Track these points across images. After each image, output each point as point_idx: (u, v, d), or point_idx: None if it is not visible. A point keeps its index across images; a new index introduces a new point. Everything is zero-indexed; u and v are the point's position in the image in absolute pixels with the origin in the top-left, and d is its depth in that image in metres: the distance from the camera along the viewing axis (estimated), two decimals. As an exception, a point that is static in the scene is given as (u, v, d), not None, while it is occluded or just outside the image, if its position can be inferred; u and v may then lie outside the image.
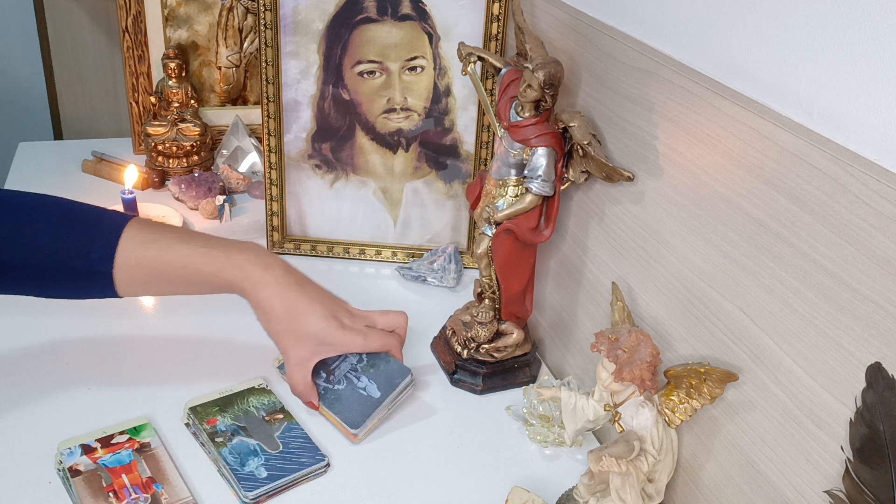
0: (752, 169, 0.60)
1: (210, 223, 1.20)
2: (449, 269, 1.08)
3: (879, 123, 0.51)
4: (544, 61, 0.79)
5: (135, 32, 1.29)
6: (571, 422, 0.74)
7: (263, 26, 1.03)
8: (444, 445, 0.83)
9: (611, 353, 0.65)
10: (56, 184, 1.29)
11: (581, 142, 0.78)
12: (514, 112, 0.82)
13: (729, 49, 0.64)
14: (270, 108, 1.07)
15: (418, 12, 1.03)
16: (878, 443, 0.49)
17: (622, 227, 0.80)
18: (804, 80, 0.56)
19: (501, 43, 1.02)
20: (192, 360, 0.91)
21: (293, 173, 1.12)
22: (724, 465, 0.66)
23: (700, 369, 0.64)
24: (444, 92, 1.07)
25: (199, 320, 0.97)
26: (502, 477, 0.79)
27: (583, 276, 0.89)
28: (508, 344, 0.91)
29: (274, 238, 1.14)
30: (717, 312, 0.66)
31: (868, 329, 0.51)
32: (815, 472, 0.56)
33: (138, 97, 1.34)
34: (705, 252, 0.67)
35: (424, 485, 0.77)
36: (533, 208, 0.83)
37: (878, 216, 0.49)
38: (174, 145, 1.29)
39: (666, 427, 0.67)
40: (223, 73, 1.37)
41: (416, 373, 0.93)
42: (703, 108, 0.65)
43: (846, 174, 0.52)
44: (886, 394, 0.49)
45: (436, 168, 1.11)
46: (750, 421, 0.63)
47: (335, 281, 1.10)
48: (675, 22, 0.71)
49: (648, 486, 0.69)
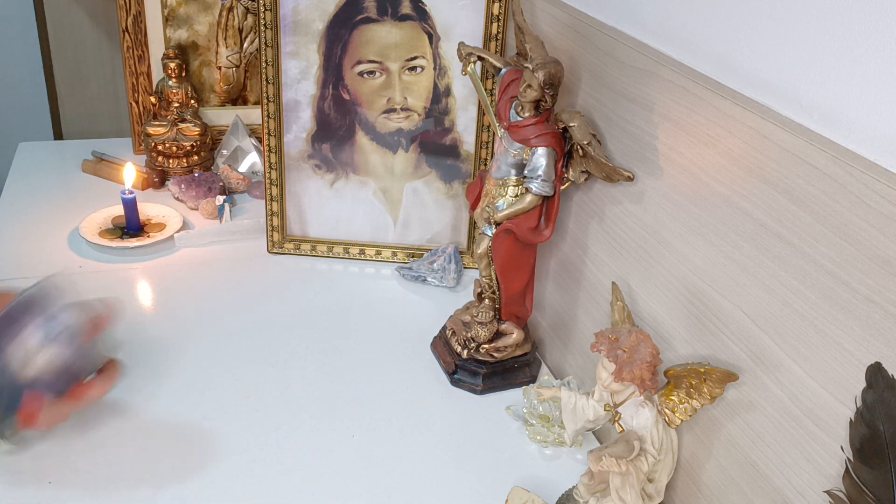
0: (752, 169, 0.60)
1: (210, 223, 1.20)
2: (449, 269, 1.08)
3: (879, 123, 0.51)
4: (544, 61, 0.79)
5: (135, 32, 1.29)
6: (571, 422, 0.74)
7: (263, 26, 1.03)
8: (444, 445, 0.83)
9: (611, 353, 0.65)
10: (56, 184, 1.29)
11: (581, 142, 0.78)
12: (514, 112, 0.82)
13: (729, 49, 0.64)
14: (270, 108, 1.07)
15: (418, 12, 1.03)
16: (878, 443, 0.49)
17: (622, 227, 0.80)
18: (804, 80, 0.56)
19: (501, 43, 1.02)
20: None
21: (293, 173, 1.12)
22: (724, 465, 0.66)
23: (700, 369, 0.64)
24: (444, 92, 1.07)
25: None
26: (502, 477, 0.79)
27: (583, 276, 0.89)
28: (508, 344, 0.91)
29: (274, 238, 1.14)
30: (717, 312, 0.66)
31: (868, 329, 0.51)
32: (815, 472, 0.56)
33: (138, 97, 1.34)
34: (705, 252, 0.67)
35: (424, 485, 0.77)
36: (533, 208, 0.83)
37: (878, 216, 0.49)
38: (174, 145, 1.29)
39: (666, 427, 0.67)
40: (223, 73, 1.37)
41: (417, 373, 0.93)
42: (703, 108, 0.65)
43: (846, 174, 0.52)
44: (886, 394, 0.49)
45: (436, 168, 1.11)
46: (750, 421, 0.63)
47: (335, 281, 1.10)
48: (675, 22, 0.71)
49: (648, 486, 0.69)
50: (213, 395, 0.86)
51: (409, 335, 0.99)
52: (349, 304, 1.04)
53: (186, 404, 0.85)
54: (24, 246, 1.11)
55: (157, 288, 1.05)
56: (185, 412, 0.83)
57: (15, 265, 1.06)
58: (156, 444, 0.79)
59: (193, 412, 0.84)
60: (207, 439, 0.80)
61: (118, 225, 1.15)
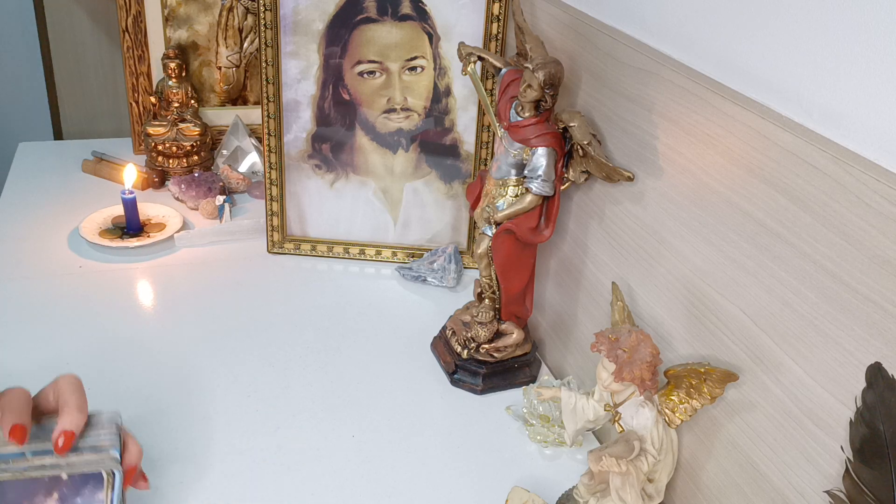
0: (752, 169, 0.60)
1: (210, 223, 1.20)
2: (449, 269, 1.08)
3: (879, 123, 0.51)
4: (544, 61, 0.79)
5: (135, 32, 1.29)
6: (571, 422, 0.74)
7: (263, 26, 1.03)
8: (444, 445, 0.83)
9: (611, 353, 0.65)
10: (56, 184, 1.29)
11: (581, 142, 0.78)
12: (514, 112, 0.82)
13: (729, 49, 0.64)
14: (270, 108, 1.07)
15: (418, 12, 1.03)
16: (878, 443, 0.49)
17: (622, 227, 0.80)
18: (804, 80, 0.56)
19: (501, 43, 1.02)
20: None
21: (293, 173, 1.12)
22: (724, 465, 0.66)
23: (700, 369, 0.64)
24: (444, 92, 1.07)
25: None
26: (502, 477, 0.79)
27: (583, 276, 0.89)
28: (508, 344, 0.91)
29: (274, 238, 1.14)
30: (717, 312, 0.66)
31: (868, 329, 0.51)
32: (815, 472, 0.56)
33: (138, 97, 1.34)
34: (705, 252, 0.67)
35: (424, 485, 0.77)
36: (533, 208, 0.83)
37: (878, 216, 0.49)
38: (174, 145, 1.29)
39: (666, 427, 0.67)
40: (223, 73, 1.37)
41: (417, 373, 0.93)
42: (703, 108, 0.65)
43: (846, 174, 0.52)
44: (886, 394, 0.49)
45: (436, 168, 1.11)
46: (750, 421, 0.63)
47: (335, 281, 1.10)
48: (675, 22, 0.71)
49: (648, 486, 0.69)
50: (213, 395, 0.86)
51: (409, 335, 0.99)
52: (349, 304, 1.04)
53: (186, 404, 0.85)
54: (24, 246, 1.11)
55: (157, 288, 1.05)
56: (185, 412, 0.83)
57: (15, 265, 1.07)
58: (155, 444, 0.79)
59: (193, 412, 0.84)
60: (207, 439, 0.80)
61: (118, 225, 1.15)
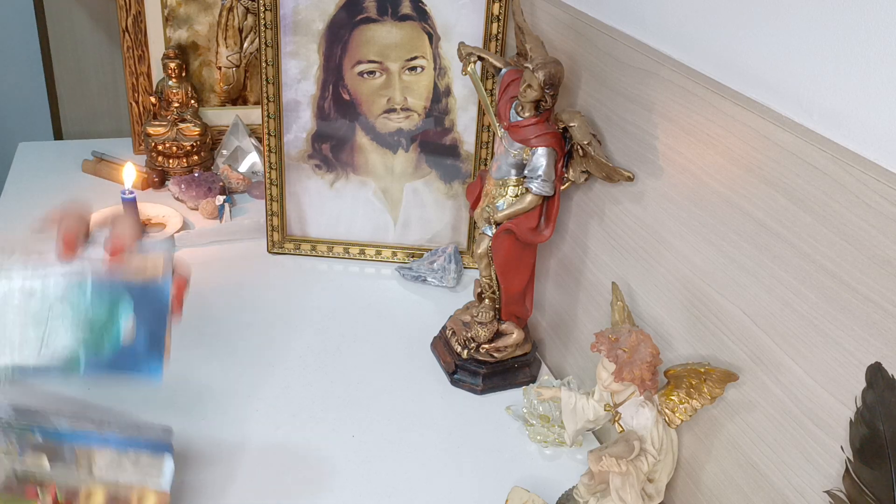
0: (752, 169, 0.60)
1: (210, 223, 1.20)
2: (449, 269, 1.08)
3: (879, 123, 0.51)
4: (544, 61, 0.79)
5: (135, 32, 1.29)
6: (571, 422, 0.74)
7: (263, 26, 1.03)
8: (444, 445, 0.83)
9: (611, 353, 0.65)
10: (56, 184, 1.29)
11: (581, 142, 0.78)
12: (514, 112, 0.82)
13: (729, 49, 0.64)
14: (270, 108, 1.07)
15: (418, 12, 1.03)
16: (878, 443, 0.49)
17: (622, 227, 0.80)
18: (804, 80, 0.56)
19: (501, 43, 1.02)
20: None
21: (293, 173, 1.12)
22: (724, 465, 0.66)
23: (700, 369, 0.64)
24: (444, 92, 1.07)
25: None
26: (502, 477, 0.79)
27: (583, 276, 0.89)
28: (508, 344, 0.91)
29: (274, 238, 1.14)
30: (717, 312, 0.66)
31: (868, 329, 0.51)
32: (815, 472, 0.56)
33: (138, 97, 1.34)
34: (705, 252, 0.67)
35: (424, 485, 0.77)
36: (533, 208, 0.83)
37: (878, 216, 0.49)
38: (174, 145, 1.29)
39: (666, 427, 0.67)
40: (223, 73, 1.37)
41: (417, 373, 0.93)
42: (703, 108, 0.65)
43: (846, 174, 0.52)
44: (886, 394, 0.49)
45: (436, 168, 1.11)
46: (750, 421, 0.63)
47: (335, 281, 1.10)
48: (675, 22, 0.71)
49: (648, 486, 0.69)
50: (213, 395, 0.86)
51: (409, 335, 0.99)
52: (349, 304, 1.04)
53: (186, 404, 0.85)
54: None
55: (157, 288, 1.05)
56: (185, 412, 0.83)
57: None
58: (156, 444, 0.79)
59: (193, 412, 0.84)
60: (207, 439, 0.80)
61: (118, 225, 1.15)
